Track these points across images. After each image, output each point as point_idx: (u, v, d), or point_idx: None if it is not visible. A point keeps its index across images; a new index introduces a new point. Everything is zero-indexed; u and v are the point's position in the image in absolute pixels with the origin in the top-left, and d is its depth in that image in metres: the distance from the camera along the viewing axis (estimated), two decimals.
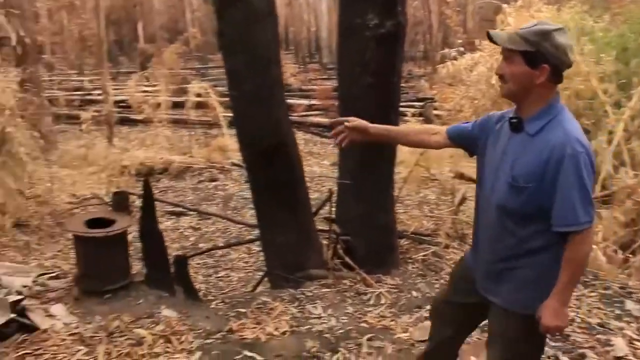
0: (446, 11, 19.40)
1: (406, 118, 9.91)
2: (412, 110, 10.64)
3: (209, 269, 6.98)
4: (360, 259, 4.76)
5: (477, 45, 9.50)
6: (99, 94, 16.22)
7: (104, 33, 14.34)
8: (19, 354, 3.08)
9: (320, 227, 5.20)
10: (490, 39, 2.16)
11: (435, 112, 13.05)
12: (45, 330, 3.30)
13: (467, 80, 9.26)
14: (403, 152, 6.23)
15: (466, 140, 2.43)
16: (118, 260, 3.79)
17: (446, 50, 12.77)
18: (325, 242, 5.03)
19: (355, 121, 2.45)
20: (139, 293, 3.85)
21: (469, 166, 6.55)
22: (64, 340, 3.25)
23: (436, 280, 4.70)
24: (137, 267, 4.60)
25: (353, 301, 4.19)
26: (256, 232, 6.29)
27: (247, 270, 6.99)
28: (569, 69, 2.13)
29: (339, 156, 5.31)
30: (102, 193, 9.55)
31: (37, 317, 3.36)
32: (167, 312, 3.60)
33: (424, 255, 5.36)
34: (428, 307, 3.91)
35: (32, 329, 3.29)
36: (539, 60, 2.04)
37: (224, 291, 6.19)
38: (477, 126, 2.40)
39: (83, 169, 10.65)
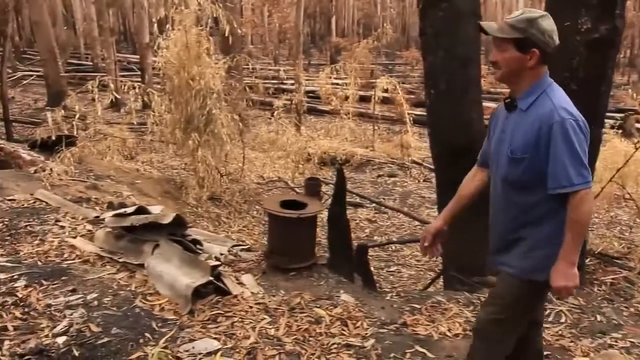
0: None
1: (603, 130, 9.22)
2: (611, 122, 9.87)
3: (380, 262, 7.12)
4: None
5: None
6: (291, 84, 17.13)
7: (301, 26, 15.10)
8: (213, 312, 3.41)
9: None
10: (482, 30, 2.34)
11: (637, 125, 11.99)
12: (235, 296, 3.60)
13: None
14: (599, 169, 5.81)
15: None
16: (306, 241, 4.01)
17: None
18: None
19: (430, 235, 2.65)
20: (320, 275, 4.05)
21: None
22: (251, 307, 3.53)
23: (625, 307, 4.35)
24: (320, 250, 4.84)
25: None
26: None
27: (419, 269, 7.01)
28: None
29: None
30: (287, 177, 10.11)
31: (229, 283, 3.68)
32: (345, 296, 3.75)
33: (612, 279, 4.99)
34: (614, 334, 3.66)
35: (224, 292, 3.61)
36: (528, 46, 2.22)
37: (394, 285, 6.29)
38: (489, 132, 2.57)
39: (271, 153, 11.33)
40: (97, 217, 5.00)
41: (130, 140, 10.91)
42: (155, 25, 7.84)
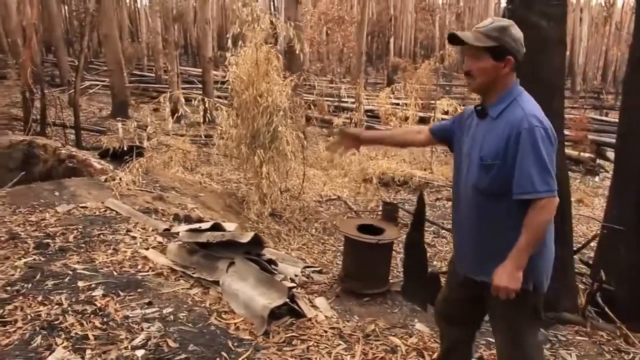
0: None
1: None
2: None
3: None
4: (622, 312, 4.35)
5: None
6: (351, 102, 17.14)
7: (364, 46, 15.12)
8: (288, 335, 3.37)
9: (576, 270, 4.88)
10: (454, 40, 2.34)
11: None
12: (309, 319, 3.56)
13: None
14: None
15: (447, 135, 2.62)
16: (381, 267, 3.95)
17: None
18: (581, 286, 4.70)
19: (350, 130, 2.76)
20: (394, 302, 3.97)
21: None
22: (325, 331, 3.47)
23: None
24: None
25: (612, 357, 3.84)
26: None
27: None
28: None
29: (610, 197, 4.92)
30: (345, 196, 10.06)
31: (304, 305, 3.64)
32: (420, 326, 3.66)
33: None
34: None
35: (298, 315, 3.57)
36: (503, 53, 2.26)
37: None
38: (455, 121, 2.61)
39: (329, 171, 11.32)
40: (167, 229, 5.06)
41: (192, 152, 11.08)
42: (229, 40, 7.91)
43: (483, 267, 2.38)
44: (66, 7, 35.80)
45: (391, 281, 4.17)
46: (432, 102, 14.63)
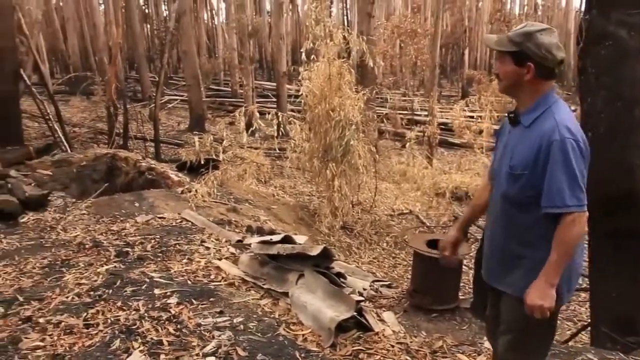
0: None
1: None
2: None
3: None
4: None
5: None
6: (425, 115, 17.01)
7: (437, 58, 14.99)
8: (355, 348, 3.38)
9: None
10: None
11: None
12: (376, 333, 3.56)
13: None
14: None
15: None
16: (450, 283, 3.91)
17: None
18: None
19: (449, 245, 2.71)
20: (463, 319, 3.91)
21: None
22: (392, 346, 3.46)
23: None
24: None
25: None
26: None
27: None
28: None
29: None
30: (417, 210, 9.98)
31: (371, 319, 3.64)
32: (488, 344, 3.57)
33: None
34: None
35: (366, 328, 3.57)
36: (524, 59, 2.22)
37: None
38: (496, 147, 2.55)
39: (401, 185, 11.24)
40: (240, 240, 5.18)
41: (266, 165, 11.29)
42: (303, 55, 8.06)
43: (505, 277, 2.37)
44: (148, 26, 37.42)
45: (461, 297, 4.11)
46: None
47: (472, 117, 14.99)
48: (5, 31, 10.00)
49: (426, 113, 16.54)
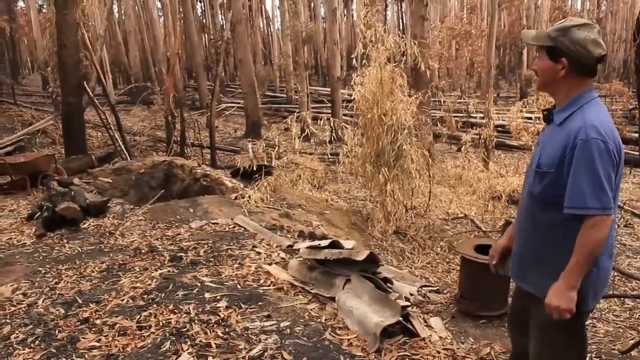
0: None
1: None
2: None
3: None
4: None
5: None
6: (480, 117, 16.73)
7: (493, 60, 14.72)
8: (400, 354, 3.36)
9: None
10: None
11: None
12: (423, 339, 3.53)
13: None
14: None
15: None
16: (499, 289, 3.84)
17: None
18: None
19: (498, 254, 2.65)
20: None
21: None
22: (438, 352, 3.42)
23: None
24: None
25: None
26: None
27: (617, 325, 6.33)
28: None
29: None
30: (473, 214, 9.81)
31: (417, 325, 3.62)
32: None
33: None
34: None
35: (412, 334, 3.55)
36: (558, 55, 2.17)
37: (588, 342, 5.74)
38: None
39: (457, 189, 11.07)
40: (290, 246, 5.24)
41: (320, 170, 11.35)
42: (355, 60, 8.09)
43: (526, 275, 2.36)
44: (206, 36, 38.28)
45: (510, 304, 4.02)
46: None
47: (529, 118, 14.64)
48: (71, 47, 10.47)
49: (482, 115, 16.24)
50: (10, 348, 3.38)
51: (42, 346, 3.38)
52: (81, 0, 12.23)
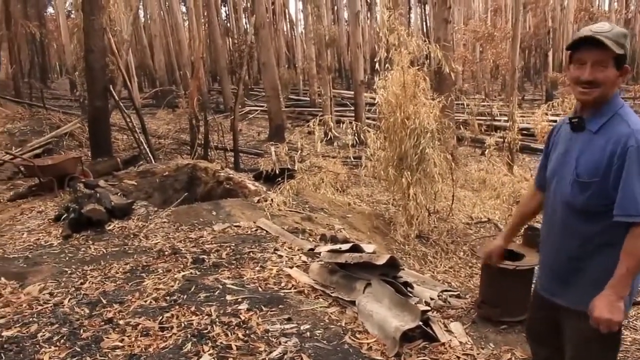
0: None
1: None
2: None
3: None
4: None
5: None
6: (504, 121, 16.57)
7: (517, 62, 14.58)
8: (420, 358, 3.37)
9: None
10: (588, 43, 2.08)
11: None
12: (443, 344, 3.52)
13: None
14: None
15: None
16: (520, 295, 3.80)
17: None
18: None
19: (496, 256, 2.77)
20: None
21: None
22: (458, 357, 3.42)
23: None
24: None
25: None
26: None
27: None
28: None
29: None
30: (497, 219, 9.73)
31: (437, 330, 3.61)
32: None
33: None
34: None
35: (432, 338, 3.55)
36: (623, 62, 2.09)
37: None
38: (545, 152, 2.46)
39: (480, 193, 10.99)
40: (312, 249, 5.26)
41: (342, 173, 11.36)
42: (378, 64, 8.11)
43: (562, 289, 2.26)
44: (230, 40, 38.58)
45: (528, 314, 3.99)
46: None
47: (555, 121, 14.44)
48: (98, 52, 10.65)
49: (506, 118, 16.09)
50: (37, 346, 3.46)
51: (67, 345, 3.45)
52: (108, 6, 12.45)
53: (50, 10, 38.53)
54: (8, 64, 20.99)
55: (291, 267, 4.83)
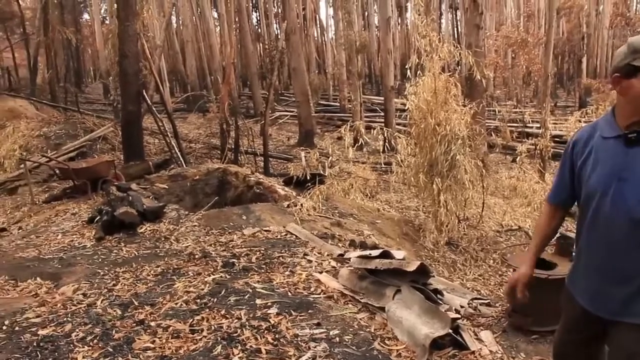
0: None
1: None
2: None
3: None
4: None
5: None
6: (536, 127, 16.37)
7: (550, 68, 14.39)
8: None
9: None
10: None
11: None
12: (472, 352, 3.48)
13: None
14: None
15: (571, 190, 2.37)
16: (552, 305, 3.73)
17: None
18: None
19: (523, 285, 2.67)
20: None
21: None
22: None
23: None
24: None
25: None
26: None
27: None
28: None
29: None
30: (527, 227, 9.60)
31: (468, 338, 3.58)
32: None
33: None
34: None
35: (461, 347, 3.51)
36: None
37: None
38: (568, 166, 2.36)
39: (511, 200, 10.86)
40: (341, 254, 5.25)
41: (372, 179, 11.34)
42: (409, 70, 8.10)
43: (630, 307, 2.12)
44: (260, 45, 38.86)
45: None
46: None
47: None
48: (131, 57, 10.83)
49: (538, 125, 15.90)
50: (71, 345, 3.53)
51: (100, 345, 3.51)
52: (142, 12, 12.66)
53: (85, 16, 39.42)
54: (45, 69, 21.47)
55: (320, 272, 4.84)
